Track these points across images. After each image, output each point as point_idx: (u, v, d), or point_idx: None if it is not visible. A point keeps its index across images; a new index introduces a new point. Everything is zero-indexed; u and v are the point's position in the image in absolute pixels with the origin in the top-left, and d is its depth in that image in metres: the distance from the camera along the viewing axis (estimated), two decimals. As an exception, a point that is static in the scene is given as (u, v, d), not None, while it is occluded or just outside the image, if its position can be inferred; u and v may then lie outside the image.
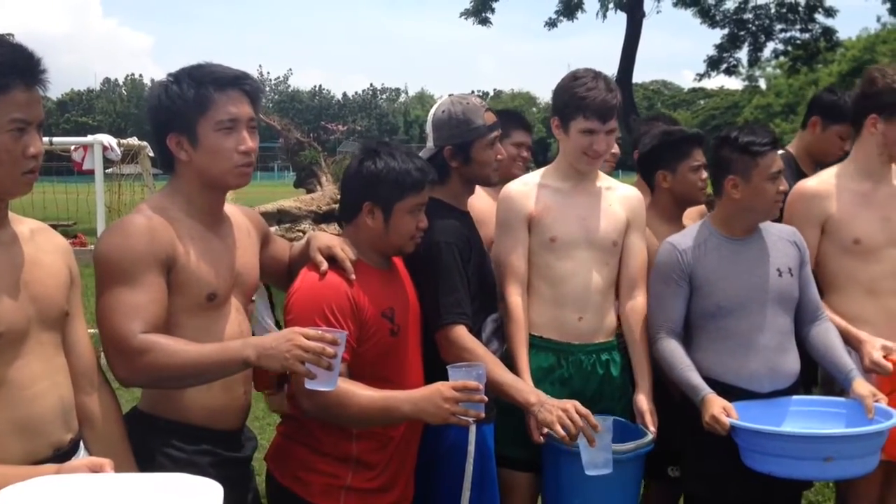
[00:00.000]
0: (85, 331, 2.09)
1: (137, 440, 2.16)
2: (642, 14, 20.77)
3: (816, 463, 2.58)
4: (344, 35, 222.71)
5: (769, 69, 44.09)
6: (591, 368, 2.98)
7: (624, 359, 3.04)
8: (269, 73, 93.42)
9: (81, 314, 2.09)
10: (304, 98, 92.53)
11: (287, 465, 2.48)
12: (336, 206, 2.72)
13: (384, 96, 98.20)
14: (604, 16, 21.61)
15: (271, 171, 55.40)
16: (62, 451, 1.90)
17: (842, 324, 3.02)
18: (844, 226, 3.10)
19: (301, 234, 10.99)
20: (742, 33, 23.42)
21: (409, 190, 2.46)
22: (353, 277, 2.40)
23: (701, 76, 24.94)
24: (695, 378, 2.81)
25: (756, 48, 23.73)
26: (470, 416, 2.28)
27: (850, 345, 3.00)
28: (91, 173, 10.81)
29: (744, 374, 2.86)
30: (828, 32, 22.89)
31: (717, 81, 77.13)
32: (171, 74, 2.26)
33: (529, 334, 2.91)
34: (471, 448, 2.55)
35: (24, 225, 2.00)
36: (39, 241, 1.99)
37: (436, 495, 2.74)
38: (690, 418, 2.79)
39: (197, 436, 2.25)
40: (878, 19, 36.08)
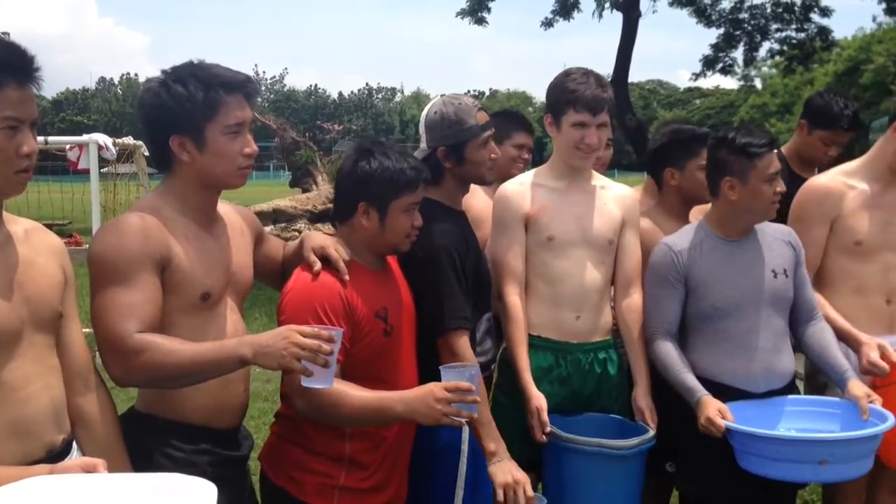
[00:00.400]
0: (80, 331, 2.08)
1: (135, 440, 2.15)
2: (638, 14, 20.71)
3: (811, 466, 2.58)
4: (340, 34, 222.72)
5: (765, 69, 44.10)
6: (589, 367, 2.99)
7: (621, 357, 3.05)
8: (265, 73, 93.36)
9: (76, 314, 2.08)
10: (300, 97, 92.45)
11: (281, 465, 2.48)
12: (332, 206, 2.70)
13: (380, 96, 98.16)
14: (600, 15, 21.53)
15: (267, 171, 55.33)
16: (55, 452, 1.90)
17: (842, 324, 3.03)
18: (849, 226, 3.11)
19: (297, 234, 10.99)
20: (738, 33, 23.38)
21: (404, 189, 2.46)
22: (347, 278, 2.40)
23: (697, 76, 24.84)
24: (690, 380, 2.81)
25: (752, 48, 23.69)
26: (462, 417, 2.28)
27: (849, 345, 3.00)
28: (86, 172, 10.79)
29: (740, 375, 2.87)
30: (823, 32, 22.84)
31: (713, 81, 77.03)
32: (170, 73, 2.23)
33: (528, 334, 2.92)
34: (464, 448, 2.55)
35: (19, 225, 1.98)
36: (34, 242, 1.98)
37: (429, 495, 2.74)
38: (684, 418, 2.79)
39: (195, 435, 2.25)
40: (874, 19, 36.13)
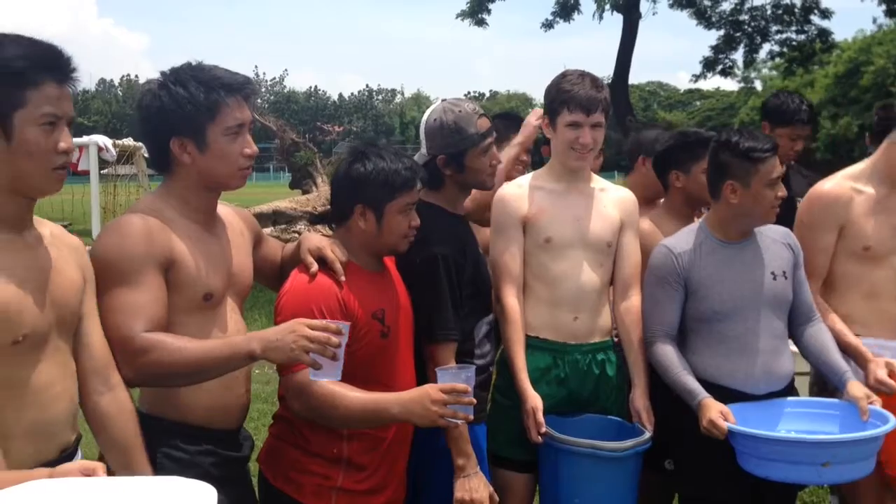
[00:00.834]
0: (100, 330, 2.06)
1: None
2: (638, 15, 20.78)
3: (814, 467, 2.58)
4: (340, 36, 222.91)
5: (765, 70, 44.11)
6: (587, 368, 2.99)
7: (619, 358, 3.05)
8: (265, 74, 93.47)
9: (96, 313, 2.07)
10: (300, 99, 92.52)
11: (278, 467, 2.48)
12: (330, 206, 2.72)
13: (380, 97, 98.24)
14: (600, 17, 21.60)
15: (267, 172, 55.43)
16: (68, 452, 1.91)
17: (850, 340, 3.00)
18: (858, 232, 3.09)
19: (297, 235, 10.98)
20: (738, 35, 23.44)
21: (400, 189, 2.46)
22: (343, 278, 2.40)
23: (697, 77, 24.93)
24: (691, 382, 2.81)
25: (752, 49, 23.75)
26: (458, 419, 2.28)
27: (856, 361, 2.98)
28: (86, 174, 10.81)
29: (739, 377, 2.86)
30: (823, 34, 22.91)
31: (713, 83, 77.46)
32: (170, 75, 2.23)
33: (526, 335, 2.93)
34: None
35: (45, 227, 1.99)
36: (57, 244, 1.98)
37: (428, 496, 2.74)
38: (680, 419, 2.80)
39: (199, 436, 2.26)
40: (874, 21, 36.09)
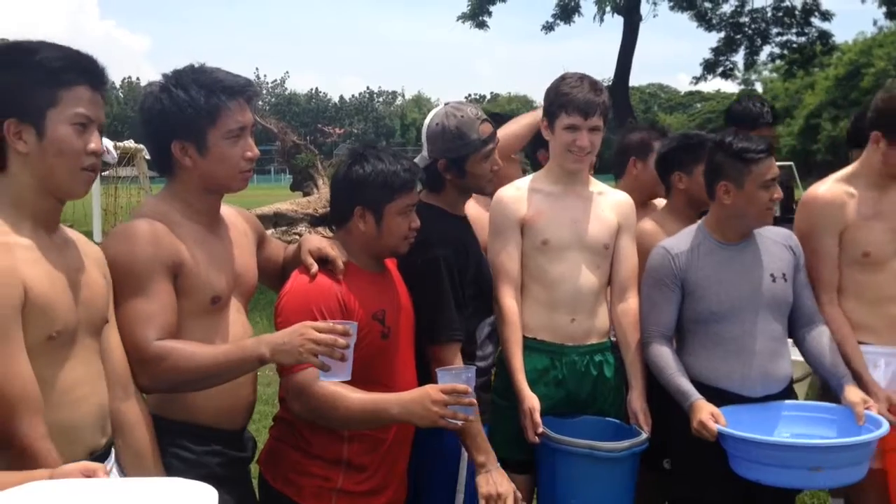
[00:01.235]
0: (118, 338, 2.08)
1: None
2: (639, 17, 20.78)
3: (804, 472, 2.58)
4: (341, 38, 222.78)
5: (765, 73, 44.17)
6: (585, 369, 3.00)
7: (617, 360, 3.06)
8: (266, 76, 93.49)
9: (115, 322, 2.08)
10: (301, 101, 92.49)
11: (278, 468, 2.48)
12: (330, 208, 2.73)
13: (381, 99, 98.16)
14: (601, 19, 21.58)
15: (268, 174, 55.45)
16: (97, 455, 1.91)
17: (858, 370, 2.95)
18: (855, 238, 3.06)
19: (298, 237, 10.99)
20: (738, 37, 23.42)
21: (399, 191, 2.46)
22: (341, 277, 2.41)
23: (697, 79, 24.92)
24: (684, 383, 2.81)
25: (752, 51, 23.74)
26: (459, 419, 2.28)
27: (861, 388, 2.91)
28: (87, 176, 10.80)
29: (736, 379, 2.86)
30: (824, 36, 22.89)
31: (714, 85, 77.31)
32: (171, 78, 2.24)
33: (524, 336, 2.94)
34: (465, 451, 2.55)
35: (69, 233, 2.01)
36: (84, 248, 2.00)
37: (428, 498, 2.74)
38: (675, 420, 2.80)
39: (205, 436, 2.27)
40: (875, 23, 36.13)
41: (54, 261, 1.86)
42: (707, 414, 2.69)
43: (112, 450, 2.01)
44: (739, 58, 24.09)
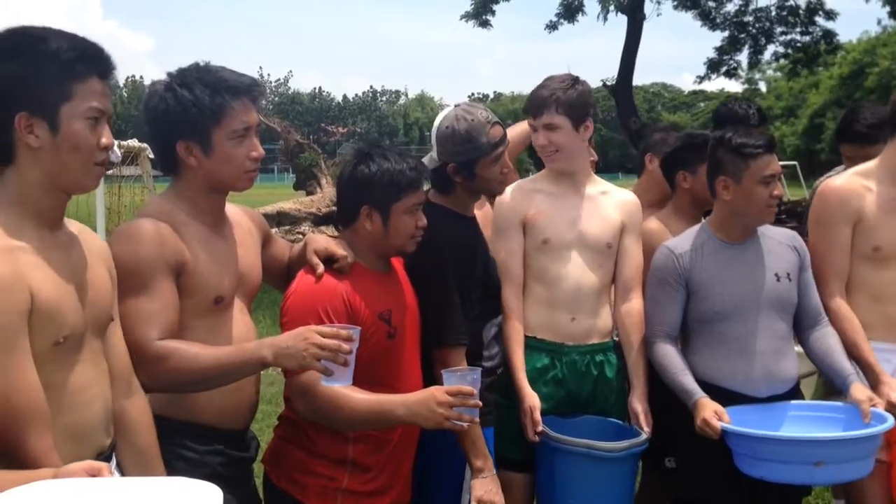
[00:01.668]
0: (121, 335, 2.06)
1: None
2: (643, 16, 20.69)
3: (807, 467, 2.58)
4: (344, 37, 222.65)
5: (769, 72, 44.08)
6: (586, 369, 3.01)
7: (620, 360, 3.06)
8: (270, 75, 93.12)
9: (118, 318, 2.06)
10: (304, 100, 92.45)
11: (283, 468, 2.48)
12: (335, 208, 2.73)
13: (384, 98, 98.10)
14: (604, 18, 21.50)
15: (271, 173, 55.44)
16: (104, 455, 1.90)
17: (867, 359, 2.93)
18: (868, 232, 3.03)
19: (301, 236, 10.99)
20: (742, 36, 23.33)
21: (405, 190, 2.45)
22: (346, 271, 2.41)
23: (701, 79, 24.81)
24: (689, 382, 2.81)
25: (756, 51, 23.64)
26: (464, 421, 2.28)
27: (868, 379, 2.92)
28: (91, 175, 10.79)
29: (740, 379, 2.86)
30: (828, 35, 22.78)
31: (718, 84, 77.21)
32: (176, 77, 2.23)
33: (524, 335, 2.96)
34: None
35: (73, 226, 1.97)
36: (89, 245, 1.96)
37: (433, 498, 2.74)
38: (679, 419, 2.80)
39: (208, 436, 2.26)
40: (879, 22, 36.11)
41: (59, 262, 1.82)
42: (710, 412, 2.69)
43: (113, 452, 1.99)
44: (743, 57, 24.00)
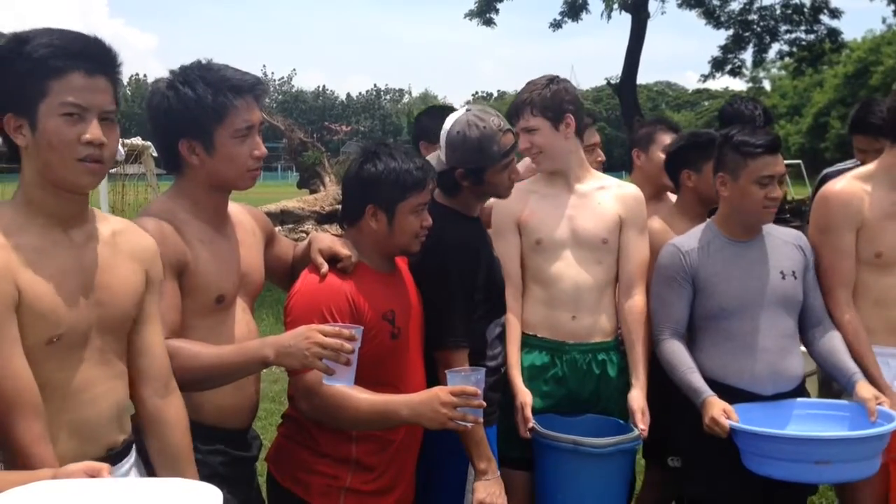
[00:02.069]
0: (159, 335, 2.04)
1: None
2: (647, 15, 20.69)
3: (812, 466, 2.58)
4: (347, 36, 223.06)
5: (774, 70, 44.00)
6: (587, 368, 3.00)
7: (623, 360, 3.05)
8: (273, 74, 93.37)
9: (157, 318, 2.04)
10: (308, 98, 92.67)
11: (287, 466, 2.47)
12: (339, 207, 2.72)
13: (388, 97, 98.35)
14: (608, 17, 21.50)
15: (275, 172, 55.50)
16: (115, 451, 1.90)
17: (872, 372, 2.89)
18: (871, 237, 2.99)
19: (304, 235, 10.98)
20: (747, 34, 23.32)
21: (411, 189, 2.44)
22: (350, 271, 2.40)
23: (705, 77, 24.82)
24: (696, 380, 2.81)
25: (761, 49, 23.63)
26: (468, 422, 2.27)
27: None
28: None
29: (745, 376, 2.85)
30: (833, 34, 22.76)
31: (722, 83, 77.26)
32: (178, 75, 2.22)
33: (524, 333, 2.98)
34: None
35: (109, 224, 1.97)
36: (118, 243, 1.95)
37: (437, 498, 2.73)
38: (687, 418, 2.79)
39: (210, 435, 2.25)
40: (884, 21, 35.94)
41: (62, 261, 1.82)
42: (719, 410, 2.68)
43: (132, 448, 1.99)
44: (748, 55, 24.00)
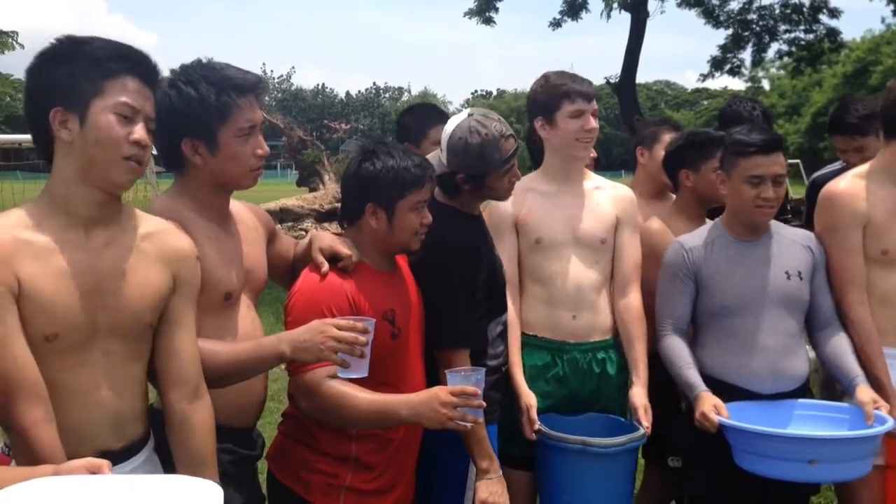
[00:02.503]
0: (191, 338, 2.05)
1: (158, 438, 2.13)
2: (646, 14, 20.69)
3: (802, 465, 2.57)
4: (347, 34, 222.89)
5: (773, 70, 44.02)
6: (588, 367, 3.00)
7: (621, 358, 3.05)
8: (273, 72, 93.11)
9: (188, 321, 2.05)
10: (308, 97, 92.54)
11: (287, 465, 2.47)
12: (339, 205, 2.72)
13: (387, 95, 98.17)
14: (608, 16, 21.50)
15: (274, 170, 55.49)
16: (109, 458, 1.89)
17: (879, 376, 2.87)
18: (877, 235, 2.97)
19: (304, 233, 10.99)
20: (746, 34, 23.33)
21: (410, 187, 2.44)
22: (350, 270, 2.40)
23: (704, 77, 24.84)
24: (692, 376, 2.81)
25: (760, 49, 23.64)
26: (468, 422, 2.27)
27: (881, 395, 2.84)
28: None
29: (744, 374, 2.85)
30: (832, 33, 22.77)
31: (721, 82, 77.34)
32: (180, 74, 2.22)
33: (525, 333, 2.97)
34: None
35: (145, 226, 1.98)
36: (148, 246, 1.96)
37: (438, 497, 2.73)
38: (687, 417, 2.79)
39: (218, 434, 2.22)
40: (883, 20, 36.00)
41: (71, 261, 1.83)
42: (709, 405, 2.69)
43: (139, 453, 1.99)
44: (747, 55, 24.01)
